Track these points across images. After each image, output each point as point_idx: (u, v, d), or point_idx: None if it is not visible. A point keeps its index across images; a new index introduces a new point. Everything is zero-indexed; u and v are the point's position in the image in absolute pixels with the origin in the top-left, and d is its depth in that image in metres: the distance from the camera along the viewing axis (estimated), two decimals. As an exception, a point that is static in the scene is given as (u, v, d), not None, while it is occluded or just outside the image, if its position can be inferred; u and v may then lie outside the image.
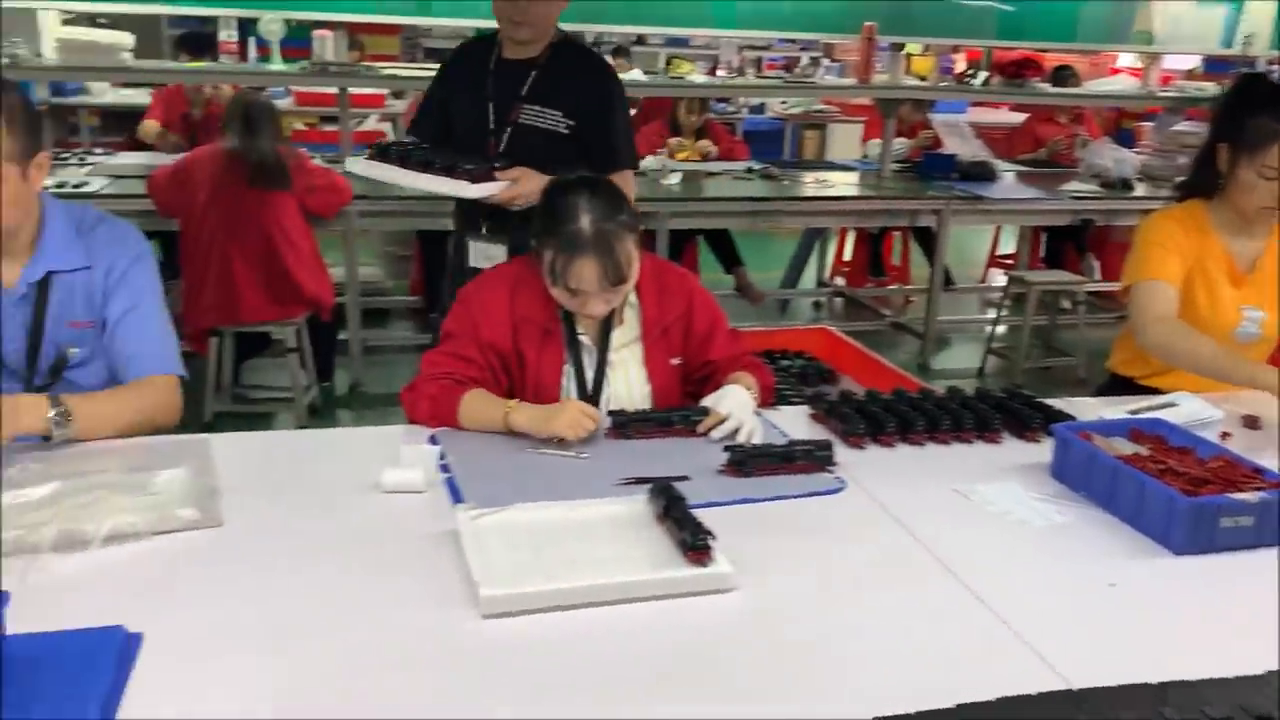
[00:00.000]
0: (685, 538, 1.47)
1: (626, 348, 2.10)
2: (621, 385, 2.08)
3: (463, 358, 1.99)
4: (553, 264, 1.92)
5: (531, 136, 2.60)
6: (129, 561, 1.45)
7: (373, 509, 1.64)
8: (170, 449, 1.78)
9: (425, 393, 1.97)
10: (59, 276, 1.94)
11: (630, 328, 2.11)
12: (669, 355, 2.11)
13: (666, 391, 2.11)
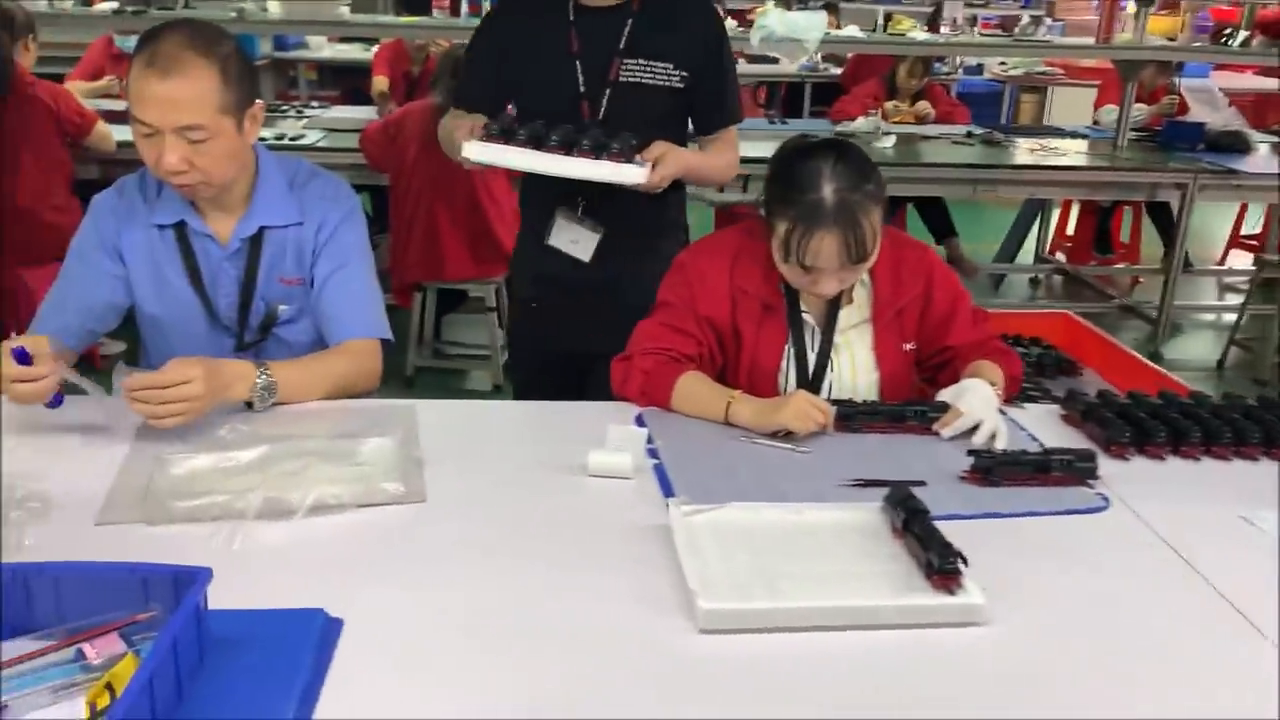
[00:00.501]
0: (931, 559, 1.28)
1: (854, 329, 1.91)
2: (846, 370, 1.90)
3: (680, 331, 1.85)
4: (788, 237, 1.73)
5: (636, 97, 2.15)
6: (331, 534, 1.39)
7: (578, 493, 1.53)
8: (378, 414, 1.72)
9: (639, 366, 1.84)
10: (271, 232, 1.91)
11: (860, 307, 1.91)
12: (901, 339, 1.91)
13: (896, 379, 1.91)
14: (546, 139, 2.01)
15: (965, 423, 1.71)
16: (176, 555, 1.31)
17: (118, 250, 1.88)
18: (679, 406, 1.80)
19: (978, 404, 1.72)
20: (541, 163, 2.00)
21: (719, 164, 2.30)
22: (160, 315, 1.91)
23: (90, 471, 1.51)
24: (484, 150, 2.01)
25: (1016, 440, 1.72)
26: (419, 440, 1.64)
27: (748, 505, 1.44)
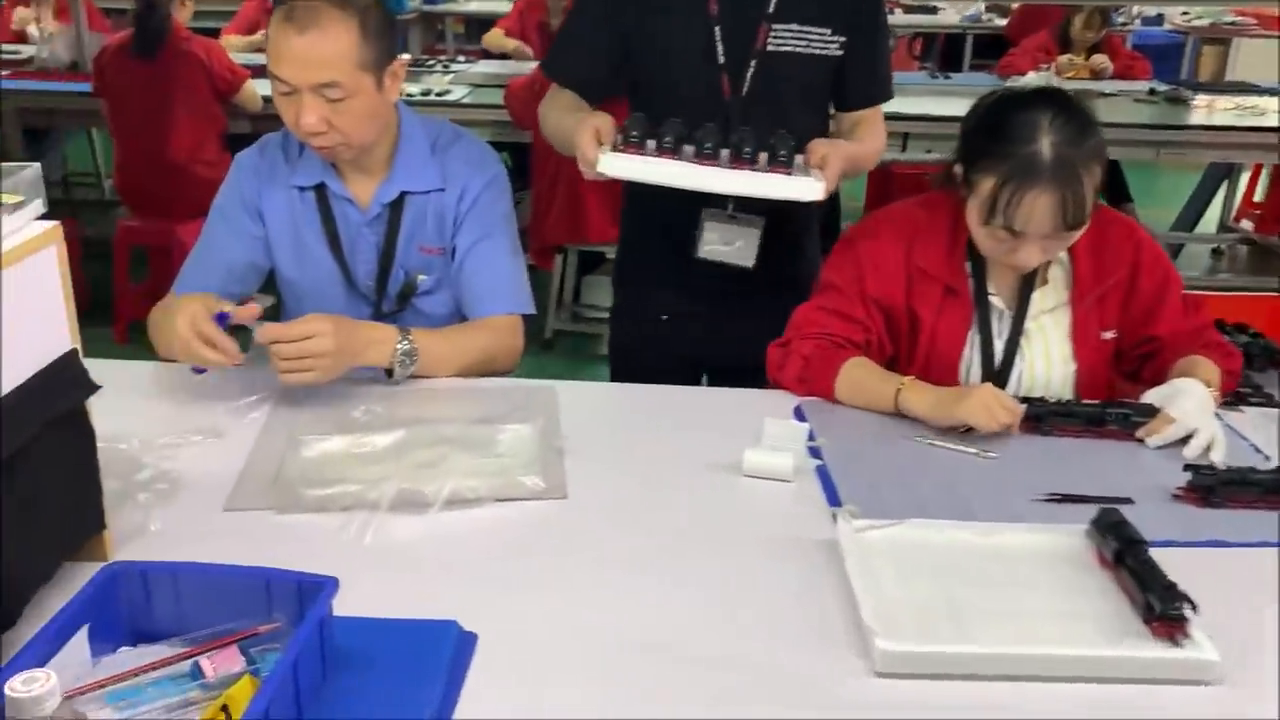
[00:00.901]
0: (1151, 601, 1.09)
1: (1049, 314, 1.69)
2: (1039, 361, 1.69)
3: (844, 316, 1.68)
4: (995, 195, 1.52)
5: (785, 69, 1.83)
6: (466, 530, 1.29)
7: (731, 496, 1.38)
8: (518, 396, 1.61)
9: (798, 351, 1.67)
10: (412, 197, 1.81)
11: (1056, 289, 1.70)
12: (1101, 327, 1.69)
13: (1094, 373, 1.70)
14: (701, 146, 1.65)
15: (1177, 431, 1.49)
16: (305, 547, 1.24)
17: (258, 210, 1.81)
18: (843, 395, 1.63)
19: (1192, 409, 1.50)
20: (696, 177, 1.64)
21: (873, 152, 1.96)
22: (298, 280, 1.85)
23: (222, 450, 1.44)
24: (623, 164, 1.64)
25: (1237, 452, 1.50)
26: (560, 428, 1.52)
27: (929, 523, 1.27)
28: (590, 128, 1.66)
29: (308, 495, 1.30)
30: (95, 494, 1.16)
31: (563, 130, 1.79)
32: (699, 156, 1.65)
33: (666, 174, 1.65)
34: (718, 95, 1.83)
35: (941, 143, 4.08)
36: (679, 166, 1.64)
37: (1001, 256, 1.60)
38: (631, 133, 1.66)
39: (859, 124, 1.94)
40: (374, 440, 1.39)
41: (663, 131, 1.66)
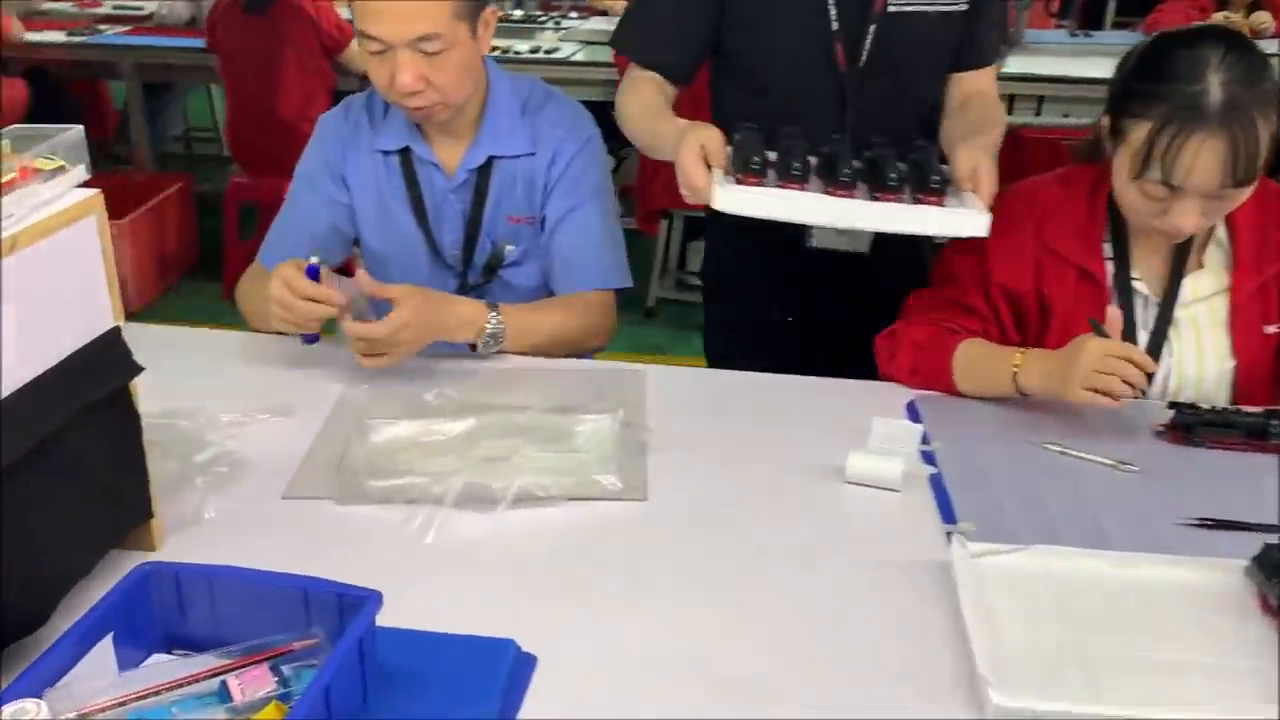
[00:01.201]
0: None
1: (1203, 303, 1.49)
2: (1190, 358, 1.49)
3: (961, 306, 1.51)
4: (1151, 142, 1.32)
5: (907, 33, 1.62)
6: (534, 531, 1.18)
7: (831, 505, 1.24)
8: (602, 381, 1.49)
9: (909, 339, 1.52)
10: (501, 163, 1.70)
11: (1212, 274, 1.49)
12: (1265, 320, 1.48)
13: (1254, 373, 1.49)
14: (834, 172, 1.40)
15: None
16: (363, 542, 1.15)
17: (342, 175, 1.73)
18: (961, 380, 1.46)
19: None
20: (837, 213, 1.39)
21: (1001, 132, 1.67)
22: (382, 250, 1.76)
23: (290, 430, 1.36)
24: (748, 199, 1.38)
25: None
26: (646, 418, 1.40)
27: (1057, 550, 1.11)
28: (694, 147, 1.40)
29: (370, 486, 1.21)
30: (141, 482, 1.09)
31: (656, 139, 1.57)
32: (834, 185, 1.40)
33: (801, 210, 1.39)
34: (831, 68, 1.63)
35: (1080, 106, 3.79)
36: (813, 200, 1.39)
37: (1153, 220, 1.39)
38: (751, 158, 1.40)
39: (975, 97, 1.69)
40: (443, 428, 1.29)
41: (785, 153, 1.42)
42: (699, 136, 1.42)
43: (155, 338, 1.63)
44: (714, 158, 1.41)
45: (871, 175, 1.44)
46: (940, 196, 1.40)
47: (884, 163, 1.42)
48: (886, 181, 1.40)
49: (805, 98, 1.65)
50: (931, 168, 1.42)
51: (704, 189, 1.38)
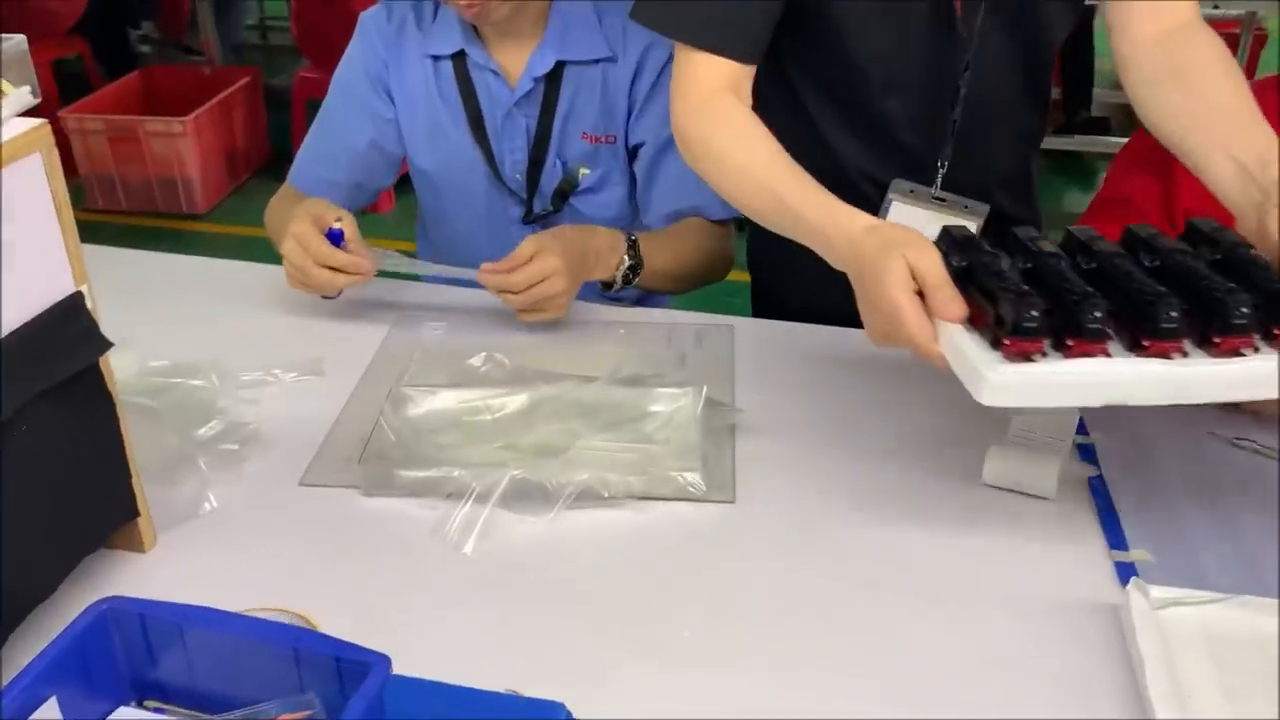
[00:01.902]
0: None
1: None
2: None
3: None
4: None
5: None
6: (593, 544, 0.96)
7: (963, 517, 0.99)
8: (681, 338, 1.26)
9: None
10: (573, 69, 1.45)
11: None
12: None
13: None
14: (1142, 313, 0.85)
15: None
16: (389, 549, 0.95)
17: (386, 86, 1.49)
18: None
19: None
20: (1171, 386, 0.86)
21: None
22: (433, 171, 1.53)
23: (317, 395, 1.16)
24: (1031, 385, 0.85)
25: None
26: (734, 391, 1.16)
27: (1270, 605, 0.85)
28: (902, 277, 0.89)
29: (402, 476, 1.00)
30: (121, 475, 0.90)
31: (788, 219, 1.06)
32: (1150, 337, 0.85)
33: (1119, 391, 0.86)
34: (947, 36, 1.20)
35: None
36: (1133, 371, 0.85)
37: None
38: (1028, 314, 0.83)
39: (1191, 48, 1.11)
40: (491, 403, 1.07)
41: (1056, 278, 0.88)
42: (903, 253, 0.90)
43: (172, 269, 1.48)
44: (936, 290, 0.89)
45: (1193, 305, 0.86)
46: (1247, 336, 0.86)
47: (1200, 282, 0.87)
48: (1230, 320, 0.84)
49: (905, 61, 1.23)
50: (1230, 296, 0.85)
51: (937, 354, 0.89)
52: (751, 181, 1.09)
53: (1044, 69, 1.31)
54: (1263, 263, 0.90)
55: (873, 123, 1.28)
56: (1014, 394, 0.85)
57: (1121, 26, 1.14)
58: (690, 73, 1.15)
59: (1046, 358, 0.85)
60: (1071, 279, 0.88)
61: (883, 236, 0.94)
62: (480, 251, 1.54)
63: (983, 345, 0.86)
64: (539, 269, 1.22)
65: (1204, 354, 0.85)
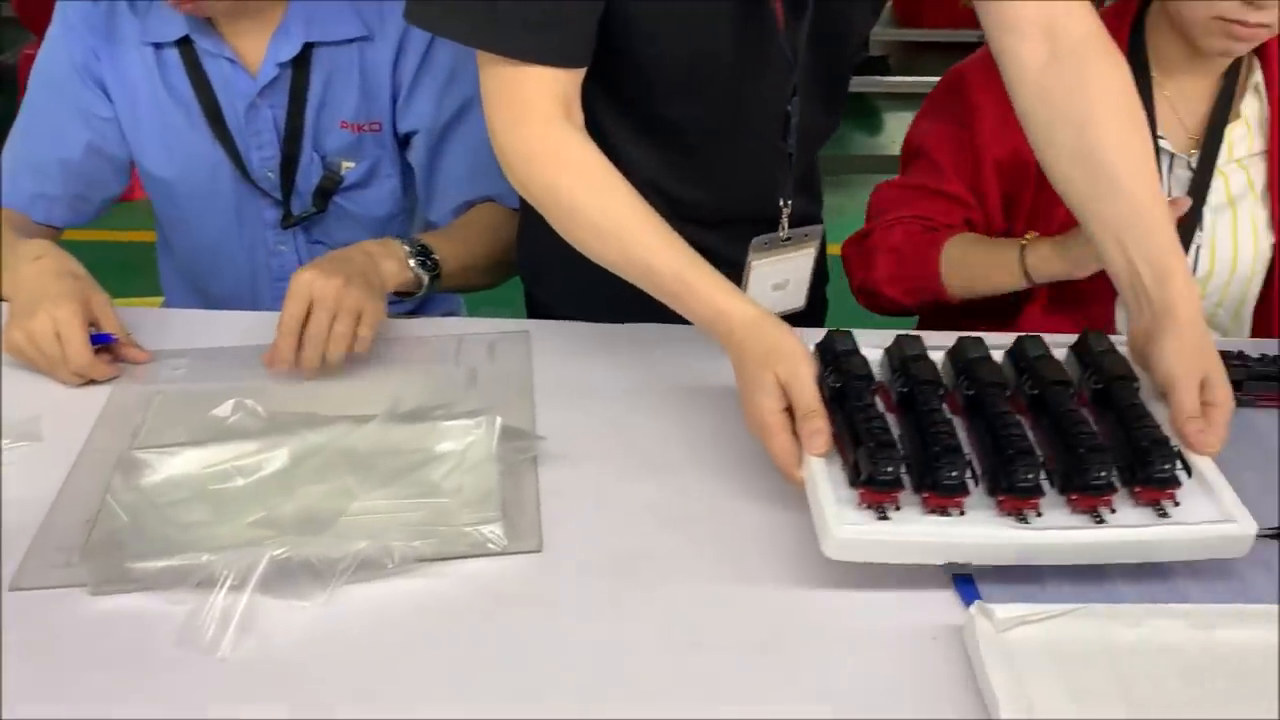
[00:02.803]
0: None
1: (1238, 165, 1.25)
2: (1225, 233, 1.25)
3: (938, 193, 1.25)
4: None
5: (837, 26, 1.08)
6: (377, 624, 0.82)
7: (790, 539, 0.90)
8: (474, 352, 1.13)
9: (884, 243, 1.25)
10: (323, 51, 1.27)
11: (1250, 129, 1.24)
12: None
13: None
14: (1010, 465, 0.83)
15: None
16: (125, 659, 0.79)
17: (98, 79, 1.27)
18: (953, 284, 1.21)
19: None
20: (1036, 552, 0.83)
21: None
22: (168, 176, 1.33)
23: (35, 468, 0.96)
24: (877, 541, 0.82)
25: None
26: (535, 410, 1.04)
27: (1122, 610, 0.79)
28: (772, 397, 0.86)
29: (136, 568, 0.83)
30: None
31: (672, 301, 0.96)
32: (1012, 494, 0.83)
33: (982, 552, 0.82)
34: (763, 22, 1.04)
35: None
36: (1004, 534, 0.82)
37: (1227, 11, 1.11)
38: (883, 469, 0.81)
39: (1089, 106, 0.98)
40: (243, 465, 0.90)
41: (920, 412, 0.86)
42: (775, 370, 0.86)
43: None
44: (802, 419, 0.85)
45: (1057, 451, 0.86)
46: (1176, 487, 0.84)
47: (1068, 428, 0.85)
48: (1089, 481, 0.83)
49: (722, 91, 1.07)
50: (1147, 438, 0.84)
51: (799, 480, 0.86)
52: (617, 246, 0.96)
53: (847, 79, 1.20)
54: (1140, 410, 0.88)
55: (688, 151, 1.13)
56: (858, 550, 0.81)
57: (1009, 50, 1.00)
58: (510, 89, 0.96)
59: (900, 510, 0.82)
60: (938, 421, 0.85)
61: (761, 342, 0.89)
62: (234, 264, 1.36)
63: (840, 484, 0.84)
64: (295, 291, 1.04)
65: (1063, 505, 0.84)
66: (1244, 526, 0.81)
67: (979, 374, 0.91)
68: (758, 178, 1.12)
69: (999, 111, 1.16)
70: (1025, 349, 0.94)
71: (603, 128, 1.04)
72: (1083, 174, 0.97)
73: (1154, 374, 0.92)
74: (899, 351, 0.93)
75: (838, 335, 0.93)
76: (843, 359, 0.91)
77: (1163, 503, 0.84)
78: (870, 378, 0.90)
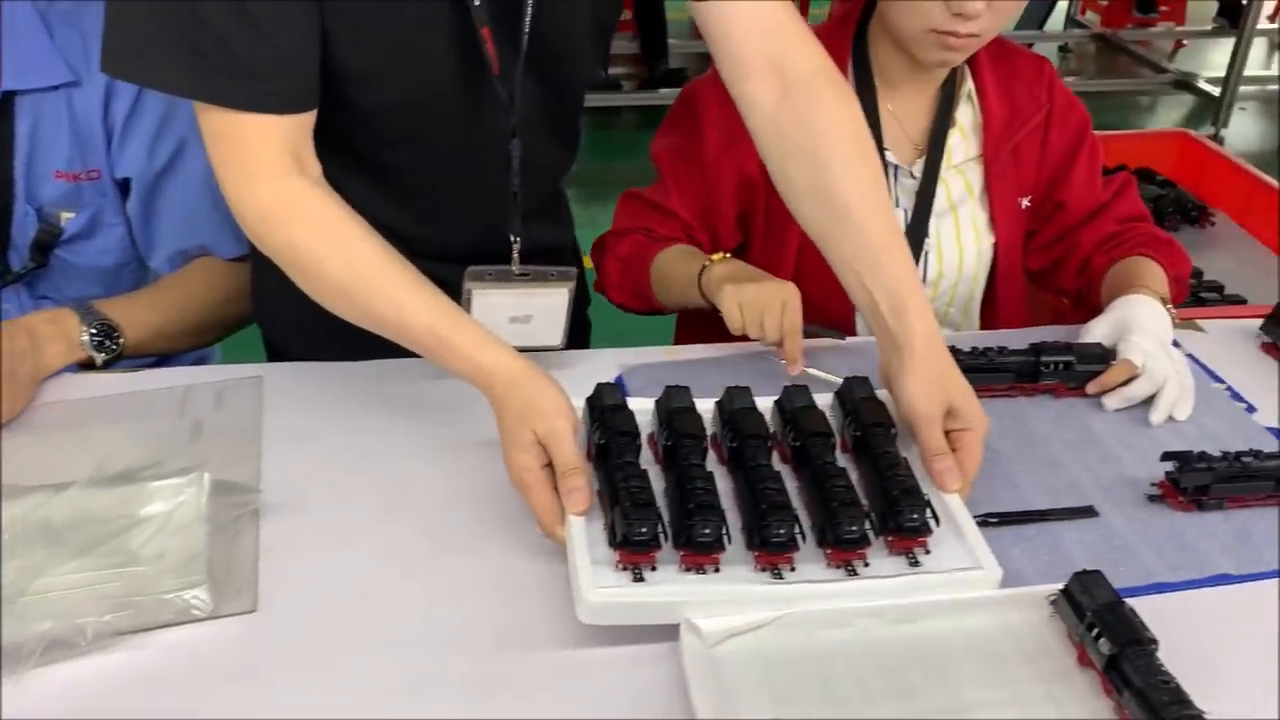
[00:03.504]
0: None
1: (957, 171, 1.30)
2: (949, 237, 1.30)
3: (664, 210, 1.27)
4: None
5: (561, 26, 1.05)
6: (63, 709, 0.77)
7: (518, 574, 0.90)
8: (199, 403, 1.08)
9: (614, 253, 1.28)
10: (27, 99, 1.20)
11: (966, 136, 1.30)
12: (1019, 192, 1.31)
13: (1012, 252, 1.33)
14: (765, 522, 0.84)
15: (1143, 389, 1.08)
16: None
17: None
18: (661, 295, 1.25)
19: (1155, 349, 1.08)
20: (751, 606, 0.82)
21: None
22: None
23: None
24: (629, 605, 0.81)
25: (1204, 392, 1.11)
26: (261, 462, 1.00)
27: (822, 614, 0.82)
28: (527, 452, 0.87)
29: None
30: None
31: (428, 353, 0.95)
32: (768, 551, 0.84)
33: (719, 608, 0.81)
34: (476, 65, 1.01)
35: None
36: (731, 587, 0.83)
37: (936, 23, 1.15)
38: (637, 530, 0.81)
39: (818, 137, 0.99)
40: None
41: (686, 506, 0.83)
42: (533, 428, 0.86)
43: None
44: (561, 478, 0.85)
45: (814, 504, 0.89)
46: (927, 535, 0.86)
47: (823, 480, 0.88)
48: (840, 535, 0.84)
49: (442, 134, 1.06)
50: (897, 478, 0.88)
51: (560, 538, 0.85)
52: (364, 303, 0.94)
53: (578, 110, 1.19)
54: (892, 459, 0.89)
55: (416, 193, 1.11)
56: (613, 614, 0.80)
57: (743, 91, 1.01)
58: (233, 141, 0.92)
59: (658, 569, 0.82)
60: (696, 477, 0.85)
61: (520, 398, 0.88)
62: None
63: (600, 543, 0.83)
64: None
65: (821, 558, 0.85)
66: (989, 573, 0.83)
67: (740, 425, 0.92)
68: (488, 215, 1.11)
69: (728, 130, 1.20)
70: (790, 398, 0.96)
71: (328, 172, 1.00)
72: (820, 212, 0.99)
73: (900, 411, 0.94)
74: (666, 404, 0.94)
75: (605, 388, 0.93)
76: (608, 414, 0.90)
77: (914, 550, 0.85)
78: (635, 434, 0.90)
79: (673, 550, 0.82)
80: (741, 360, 1.17)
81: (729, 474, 0.92)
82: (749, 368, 1.15)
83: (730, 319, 1.09)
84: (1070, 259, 1.31)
